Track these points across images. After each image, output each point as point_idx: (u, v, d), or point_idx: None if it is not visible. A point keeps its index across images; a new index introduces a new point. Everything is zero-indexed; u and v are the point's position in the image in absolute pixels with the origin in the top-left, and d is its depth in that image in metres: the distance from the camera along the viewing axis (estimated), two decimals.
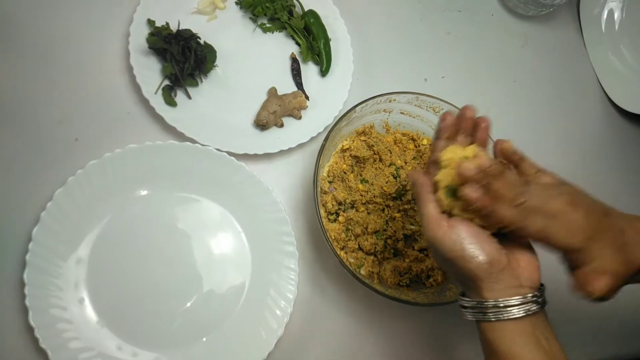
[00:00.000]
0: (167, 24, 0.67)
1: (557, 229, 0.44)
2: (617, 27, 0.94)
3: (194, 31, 0.68)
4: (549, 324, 0.44)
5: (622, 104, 0.93)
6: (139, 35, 0.65)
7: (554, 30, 0.97)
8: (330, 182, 0.68)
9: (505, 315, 0.42)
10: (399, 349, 0.67)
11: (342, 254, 0.64)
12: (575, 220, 0.44)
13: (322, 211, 0.65)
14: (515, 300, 0.42)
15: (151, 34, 0.65)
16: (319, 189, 0.64)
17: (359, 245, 0.65)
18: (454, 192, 0.45)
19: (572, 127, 0.92)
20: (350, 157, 0.69)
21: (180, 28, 0.68)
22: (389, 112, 0.70)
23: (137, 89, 0.64)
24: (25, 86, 0.62)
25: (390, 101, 0.68)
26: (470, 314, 0.45)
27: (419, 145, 0.72)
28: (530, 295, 0.43)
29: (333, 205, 0.66)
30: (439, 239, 0.44)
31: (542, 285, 0.45)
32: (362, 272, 0.64)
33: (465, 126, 0.51)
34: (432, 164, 0.49)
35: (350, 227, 0.65)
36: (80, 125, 0.63)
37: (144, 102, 0.64)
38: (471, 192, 0.43)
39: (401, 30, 0.86)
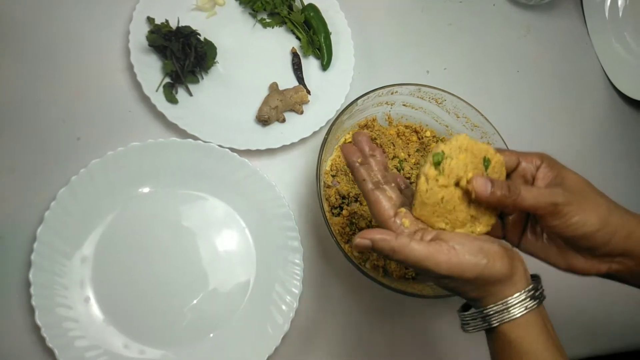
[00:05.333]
0: (167, 21, 0.67)
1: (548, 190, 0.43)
2: (620, 14, 0.93)
3: (194, 28, 0.67)
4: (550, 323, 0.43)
5: (627, 91, 0.92)
6: (139, 33, 0.65)
7: (557, 19, 0.96)
8: (333, 176, 0.68)
9: (529, 305, 0.40)
10: (405, 341, 0.67)
11: (346, 247, 0.64)
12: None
13: (325, 205, 0.65)
14: (530, 288, 0.41)
15: (151, 32, 0.65)
16: (322, 183, 0.63)
17: None
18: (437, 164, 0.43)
19: (576, 116, 0.91)
20: None
21: (179, 25, 0.67)
22: (391, 105, 0.70)
23: (138, 87, 0.64)
24: (26, 86, 0.62)
25: (392, 93, 0.67)
26: (494, 319, 0.42)
27: (422, 137, 0.71)
28: (537, 276, 0.43)
29: (337, 199, 0.66)
30: (455, 264, 0.40)
31: (534, 275, 0.44)
32: (367, 265, 0.64)
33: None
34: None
35: (354, 220, 0.65)
36: (82, 124, 0.63)
37: (146, 100, 0.64)
38: (483, 188, 0.41)
39: (402, 22, 0.85)
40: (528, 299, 0.41)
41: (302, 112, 0.71)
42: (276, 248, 0.63)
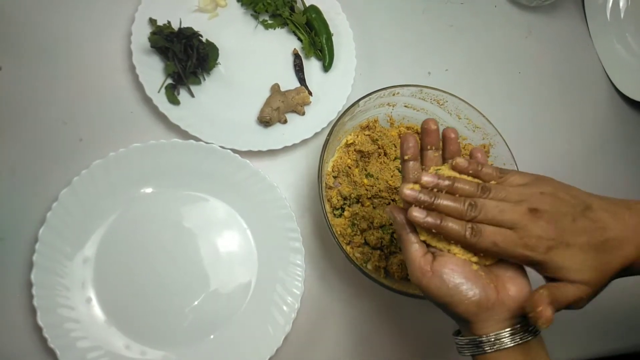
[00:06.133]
0: (169, 22, 0.67)
1: (512, 242, 0.41)
2: (622, 15, 0.93)
3: (196, 29, 0.68)
4: (544, 351, 0.43)
5: (629, 93, 0.92)
6: (141, 34, 0.65)
7: (558, 20, 0.96)
8: (335, 177, 0.68)
9: (497, 346, 0.41)
10: (406, 342, 0.67)
11: (348, 249, 0.64)
12: (533, 231, 0.41)
13: (327, 206, 0.65)
14: (506, 332, 0.42)
15: (153, 33, 0.65)
16: (323, 185, 0.64)
17: (365, 239, 0.65)
18: None
19: (578, 118, 0.91)
20: (354, 152, 0.69)
21: (181, 26, 0.68)
22: (393, 106, 0.70)
23: (140, 88, 0.64)
24: (28, 87, 0.62)
25: (393, 95, 0.67)
26: (467, 351, 0.44)
27: None
28: (519, 326, 0.42)
29: (338, 200, 0.66)
30: (424, 286, 0.43)
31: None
32: (369, 266, 0.64)
33: (430, 141, 0.49)
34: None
35: (356, 221, 0.65)
36: (84, 125, 0.63)
37: (147, 101, 0.64)
38: (415, 214, 0.42)
39: (403, 23, 0.85)
40: (502, 339, 0.42)
41: (303, 113, 0.71)
42: (277, 249, 0.63)
